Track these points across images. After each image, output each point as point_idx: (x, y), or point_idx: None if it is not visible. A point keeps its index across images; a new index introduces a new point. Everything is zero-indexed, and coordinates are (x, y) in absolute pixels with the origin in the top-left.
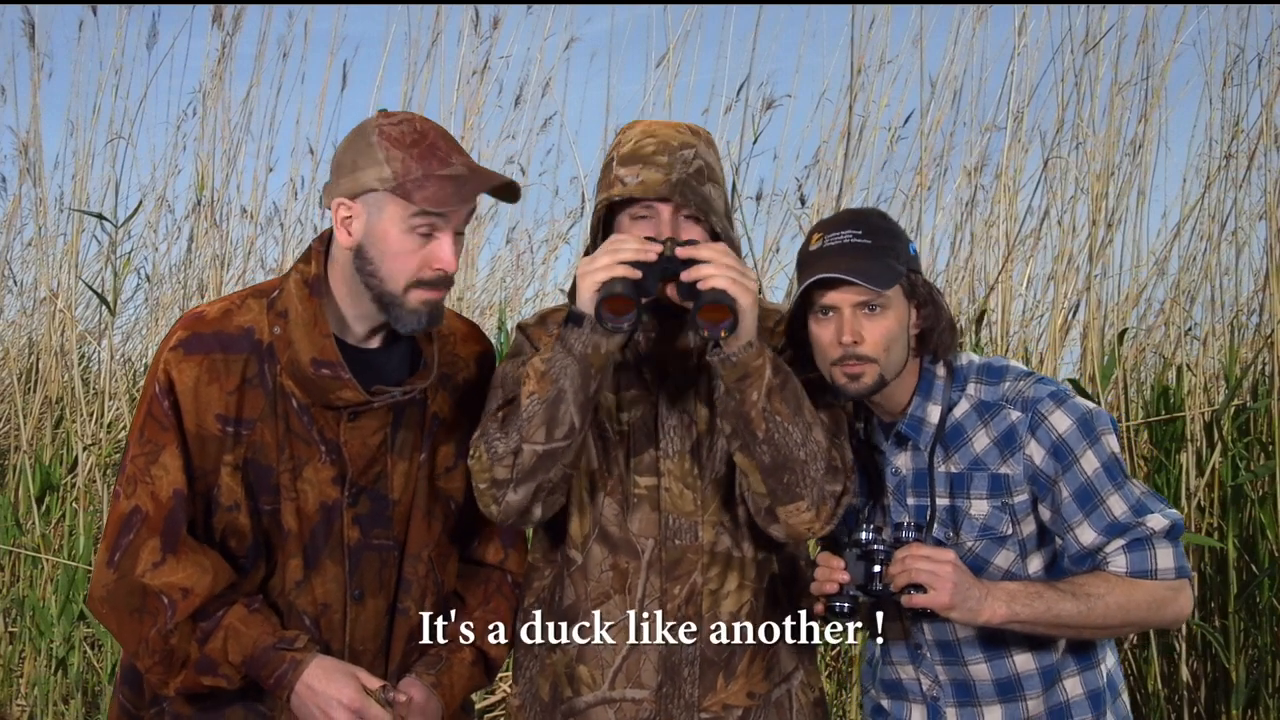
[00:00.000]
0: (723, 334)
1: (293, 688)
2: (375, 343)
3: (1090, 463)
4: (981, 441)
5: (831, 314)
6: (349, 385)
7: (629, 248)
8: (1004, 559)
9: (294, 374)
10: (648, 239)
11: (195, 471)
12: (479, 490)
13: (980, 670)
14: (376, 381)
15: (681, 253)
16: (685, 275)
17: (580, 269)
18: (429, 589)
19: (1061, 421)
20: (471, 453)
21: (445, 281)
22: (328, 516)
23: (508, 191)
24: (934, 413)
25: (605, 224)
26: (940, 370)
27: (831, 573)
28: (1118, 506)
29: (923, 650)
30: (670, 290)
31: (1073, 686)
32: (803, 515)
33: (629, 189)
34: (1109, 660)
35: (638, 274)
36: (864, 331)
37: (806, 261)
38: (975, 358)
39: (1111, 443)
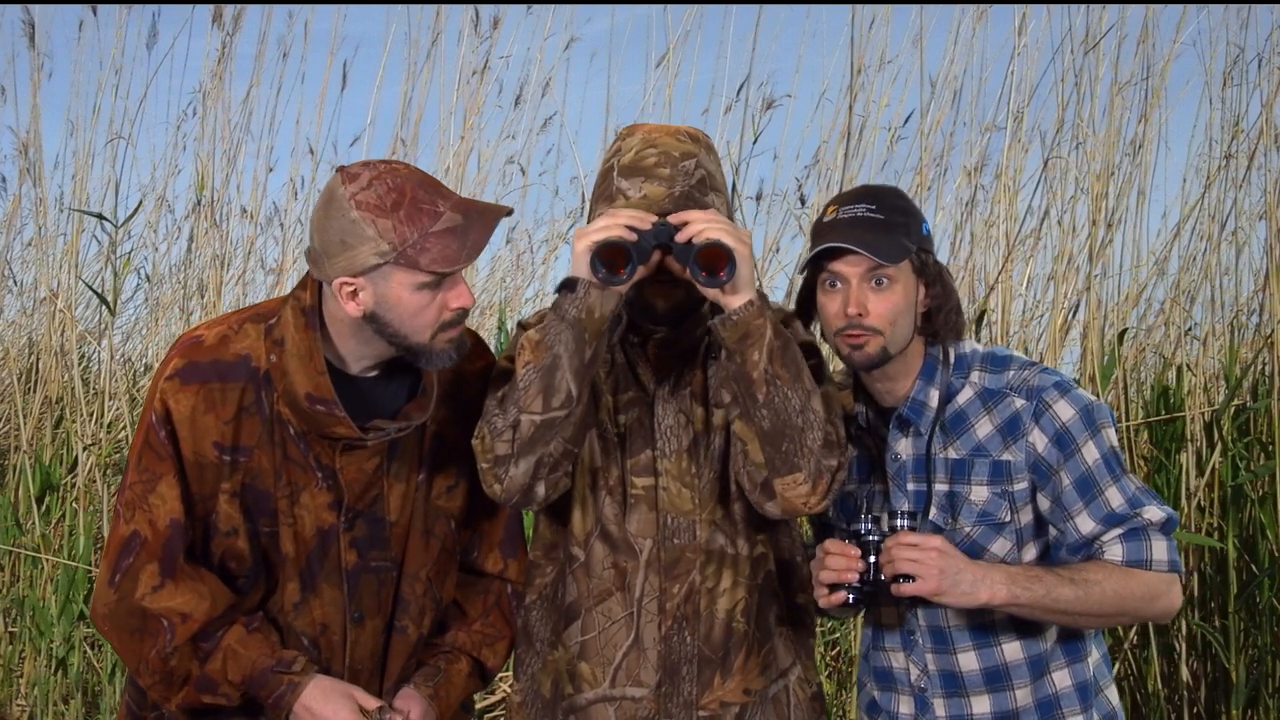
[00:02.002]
0: (722, 275)
1: (291, 709)
2: (373, 372)
3: (1091, 453)
4: (984, 428)
5: (839, 285)
6: (343, 423)
7: (626, 213)
8: (1000, 546)
9: (290, 403)
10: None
11: (194, 498)
12: (482, 471)
13: (969, 659)
14: (372, 410)
15: (675, 218)
16: (680, 235)
17: (576, 234)
18: (427, 607)
19: (1065, 410)
20: (475, 435)
21: (466, 315)
22: (324, 541)
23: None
24: (935, 397)
25: None
26: (942, 355)
27: (850, 561)
28: (1115, 498)
29: (915, 636)
30: (671, 262)
31: (1061, 679)
32: (799, 488)
33: (632, 203)
34: (1095, 654)
35: (633, 236)
36: (869, 304)
37: (819, 232)
38: (978, 346)
39: (1111, 436)
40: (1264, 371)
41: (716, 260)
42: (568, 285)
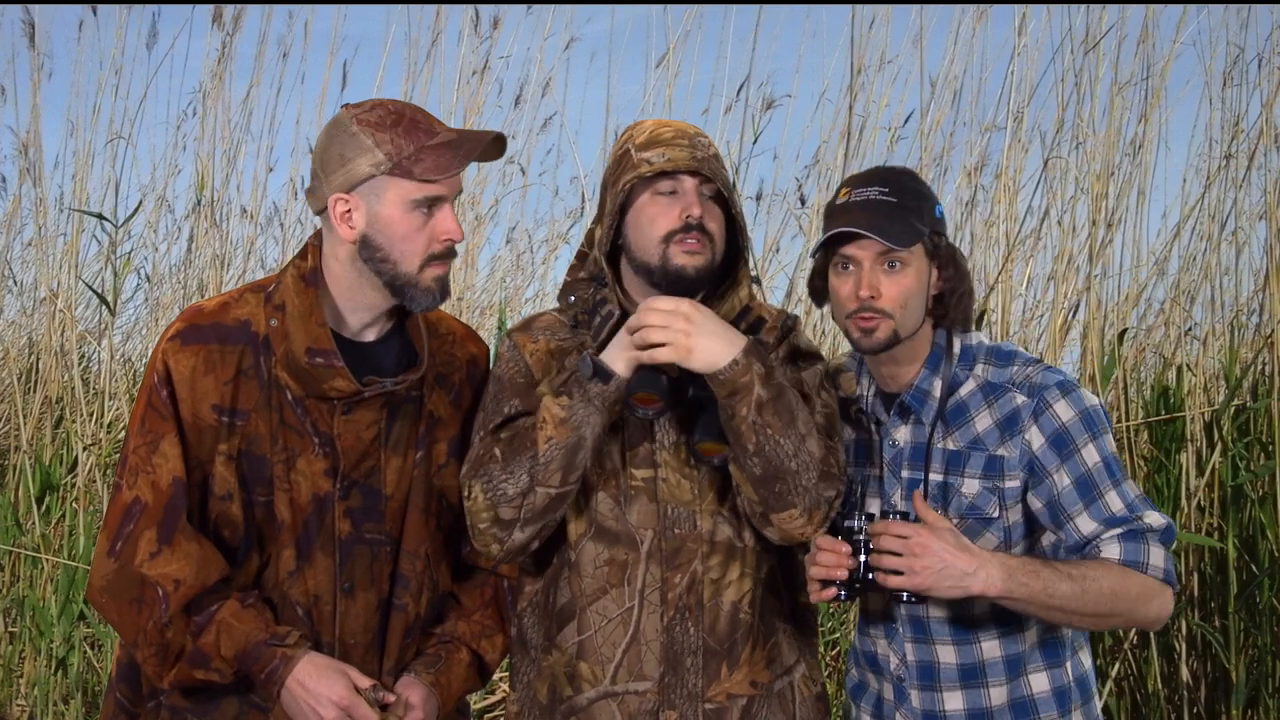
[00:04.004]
0: (651, 415)
1: (283, 683)
2: (370, 335)
3: (1091, 456)
4: (984, 422)
5: (851, 268)
6: (341, 374)
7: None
8: (987, 543)
9: (289, 365)
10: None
11: (191, 461)
12: (479, 530)
13: (946, 652)
14: (371, 374)
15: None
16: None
17: (623, 339)
18: (426, 585)
19: (1065, 411)
20: (466, 493)
21: (453, 253)
22: (319, 508)
23: (498, 146)
24: (939, 387)
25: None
26: (946, 344)
27: (839, 559)
28: (1115, 502)
29: (896, 625)
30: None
31: (1038, 682)
32: (795, 522)
33: (657, 166)
34: (1085, 663)
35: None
36: (882, 287)
37: (832, 214)
38: (985, 339)
39: (1110, 442)
40: (1264, 371)
41: (648, 402)
42: (601, 375)
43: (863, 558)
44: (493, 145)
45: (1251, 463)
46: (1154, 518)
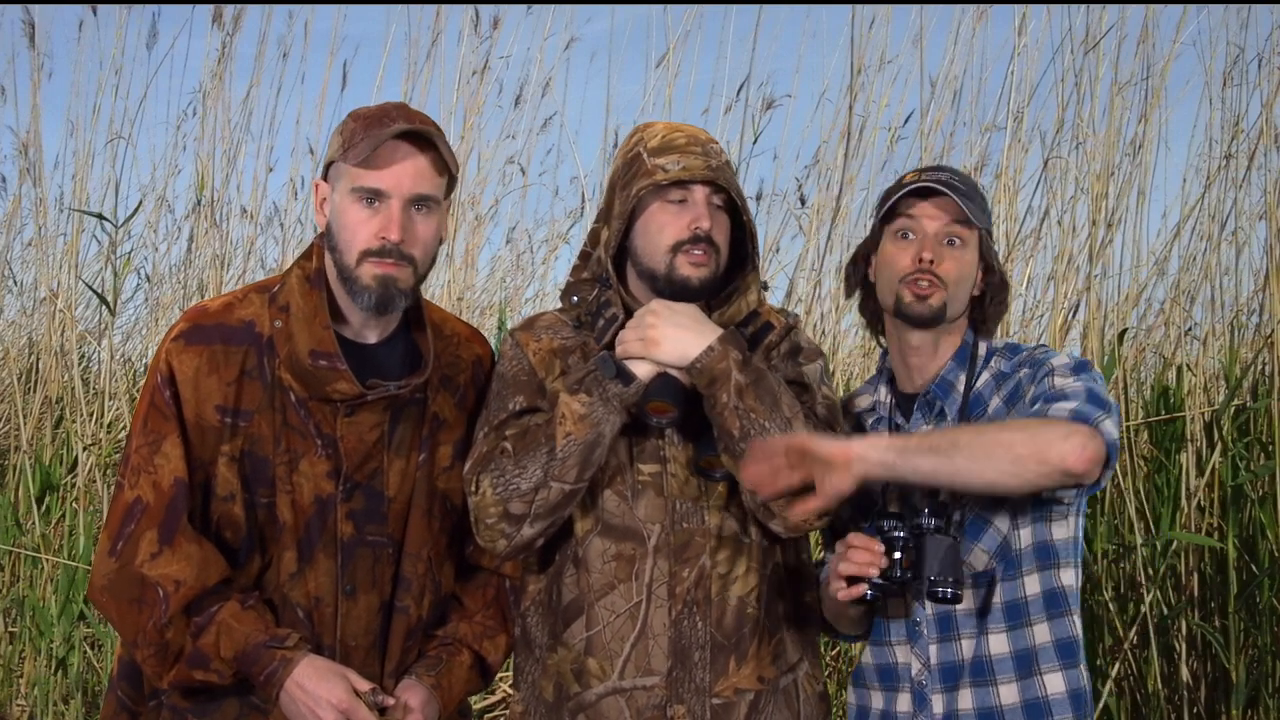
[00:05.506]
0: (664, 423)
1: (282, 685)
2: (374, 337)
3: (1066, 382)
4: (994, 404)
5: (911, 237)
6: (344, 377)
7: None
8: (1002, 521)
9: (292, 367)
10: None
11: (194, 462)
12: (485, 525)
13: (969, 646)
14: (375, 377)
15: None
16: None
17: (649, 342)
18: (428, 587)
19: (1059, 360)
20: (473, 488)
21: (395, 253)
22: (322, 510)
23: (428, 140)
24: (963, 380)
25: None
26: (974, 342)
27: (873, 556)
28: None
29: (920, 627)
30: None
31: (1054, 683)
32: (795, 508)
33: (673, 174)
34: (1085, 674)
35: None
36: (943, 258)
37: (896, 190)
38: (1003, 340)
39: (1095, 384)
40: (1264, 371)
41: (662, 410)
42: (623, 376)
43: (897, 555)
44: (417, 135)
45: (1251, 463)
46: (1078, 386)
